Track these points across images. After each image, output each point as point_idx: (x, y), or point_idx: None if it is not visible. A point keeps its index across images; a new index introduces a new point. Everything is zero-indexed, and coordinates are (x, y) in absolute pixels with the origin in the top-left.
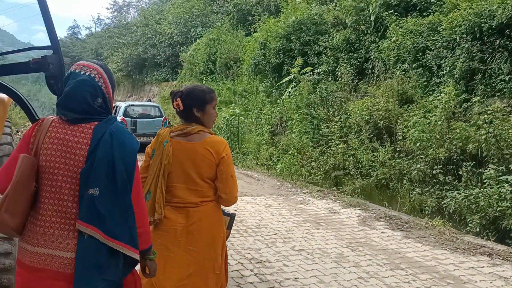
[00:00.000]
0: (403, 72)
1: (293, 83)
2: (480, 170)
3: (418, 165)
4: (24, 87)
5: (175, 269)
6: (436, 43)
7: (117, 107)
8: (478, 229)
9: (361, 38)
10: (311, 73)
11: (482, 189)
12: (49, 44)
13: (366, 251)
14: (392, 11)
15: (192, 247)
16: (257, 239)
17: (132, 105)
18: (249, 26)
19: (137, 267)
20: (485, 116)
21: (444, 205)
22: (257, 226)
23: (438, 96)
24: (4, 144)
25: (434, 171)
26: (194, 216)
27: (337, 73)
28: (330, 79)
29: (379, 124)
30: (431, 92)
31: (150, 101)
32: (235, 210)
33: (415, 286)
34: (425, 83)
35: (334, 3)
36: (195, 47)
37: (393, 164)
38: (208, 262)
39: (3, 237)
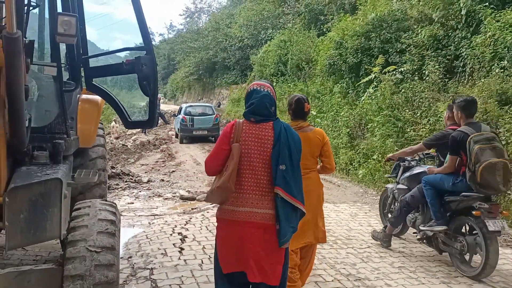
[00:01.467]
0: (502, 70)
1: (374, 83)
2: None
3: None
4: None
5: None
6: None
7: (180, 107)
8: None
9: (450, 34)
10: (394, 72)
11: None
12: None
13: None
14: (486, 3)
15: (308, 201)
16: (349, 252)
17: (191, 106)
18: (321, 26)
19: None
20: None
21: None
22: (346, 237)
23: None
24: (98, 146)
25: None
26: (308, 179)
27: (423, 71)
28: (416, 78)
29: None
30: None
31: (220, 105)
32: None
33: None
34: None
35: None
36: (265, 49)
37: None
38: (317, 211)
39: (106, 247)
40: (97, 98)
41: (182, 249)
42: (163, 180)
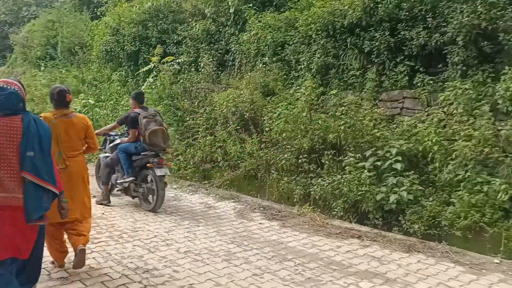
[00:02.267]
0: (264, 65)
1: (153, 72)
2: (340, 158)
3: (285, 155)
4: None
5: (74, 193)
6: (294, 39)
7: None
8: (342, 213)
9: (221, 29)
10: (172, 63)
11: (343, 176)
12: None
13: (252, 245)
14: (250, 4)
15: (74, 181)
16: (136, 244)
17: None
18: (95, 9)
19: None
20: (342, 108)
21: (311, 192)
22: (132, 229)
23: (299, 88)
24: None
25: (299, 161)
26: (75, 161)
27: (199, 63)
28: (192, 69)
29: (245, 116)
30: (290, 85)
31: None
32: (103, 214)
33: (307, 276)
34: (285, 76)
35: None
36: (29, 28)
37: (260, 154)
38: (84, 190)
39: None
40: None
41: None
42: None
